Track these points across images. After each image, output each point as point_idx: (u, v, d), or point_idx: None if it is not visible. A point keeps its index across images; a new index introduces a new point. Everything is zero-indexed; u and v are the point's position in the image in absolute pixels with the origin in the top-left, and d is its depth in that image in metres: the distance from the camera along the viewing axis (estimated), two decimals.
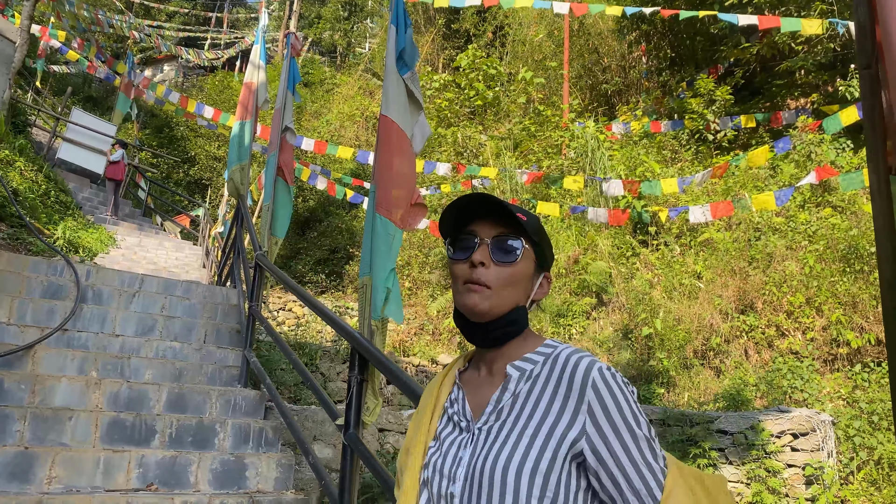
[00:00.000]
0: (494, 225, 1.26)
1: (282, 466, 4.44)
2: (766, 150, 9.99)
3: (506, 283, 1.23)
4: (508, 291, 1.24)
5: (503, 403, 1.20)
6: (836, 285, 8.88)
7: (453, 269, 1.27)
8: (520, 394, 1.20)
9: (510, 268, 1.24)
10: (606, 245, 11.61)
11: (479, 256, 1.23)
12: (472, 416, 1.23)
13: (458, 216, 1.28)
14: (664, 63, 17.02)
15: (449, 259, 1.29)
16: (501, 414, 1.19)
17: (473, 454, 1.17)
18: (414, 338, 11.78)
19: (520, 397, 1.20)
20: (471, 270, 1.23)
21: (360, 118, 22.36)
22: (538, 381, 1.20)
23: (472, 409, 1.24)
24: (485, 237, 1.25)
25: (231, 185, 7.38)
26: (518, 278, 1.25)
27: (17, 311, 5.43)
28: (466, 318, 1.26)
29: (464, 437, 1.21)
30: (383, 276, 3.29)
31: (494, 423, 1.19)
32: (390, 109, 3.56)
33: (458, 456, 1.19)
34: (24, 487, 3.60)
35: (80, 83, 25.54)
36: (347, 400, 3.34)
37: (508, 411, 1.19)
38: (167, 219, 18.19)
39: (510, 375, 1.22)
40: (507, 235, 1.25)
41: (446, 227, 1.30)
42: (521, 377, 1.22)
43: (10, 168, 11.66)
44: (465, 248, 1.26)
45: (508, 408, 1.19)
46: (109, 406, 4.53)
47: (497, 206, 1.24)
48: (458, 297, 1.25)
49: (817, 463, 6.84)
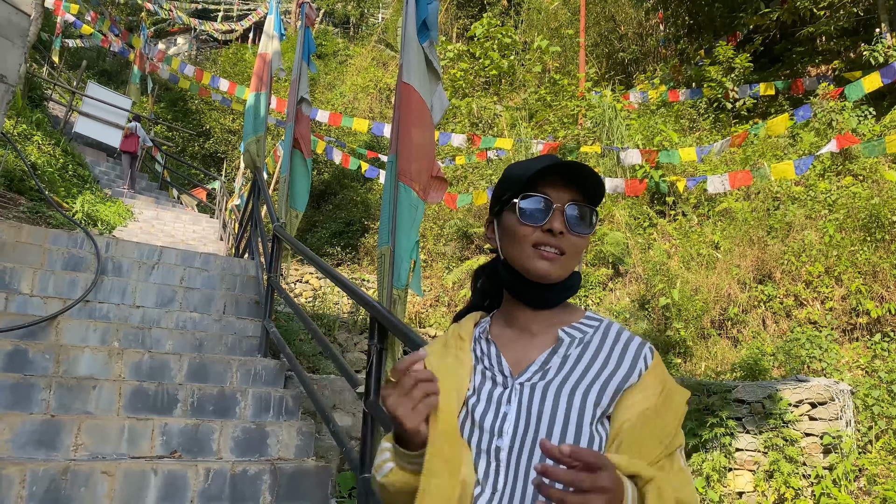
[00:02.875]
0: (567, 188, 1.23)
1: (302, 434, 4.50)
2: (786, 118, 9.84)
3: (578, 251, 1.23)
4: (575, 260, 1.25)
5: (551, 364, 1.21)
6: (856, 254, 8.79)
7: (520, 229, 1.23)
8: (569, 357, 1.22)
9: (584, 239, 1.23)
10: (623, 215, 11.53)
11: (558, 225, 1.20)
12: (511, 372, 1.22)
13: (531, 175, 1.23)
14: (682, 30, 16.75)
15: (515, 219, 1.24)
16: (548, 374, 1.20)
17: (519, 409, 1.17)
18: (430, 309, 11.82)
19: (569, 360, 1.21)
20: (545, 235, 1.21)
21: (373, 90, 22.24)
22: (590, 346, 1.23)
23: (511, 365, 1.24)
24: (560, 202, 1.22)
25: (247, 157, 7.39)
26: (584, 248, 1.26)
27: (39, 283, 5.50)
28: (521, 277, 1.25)
29: (502, 391, 1.20)
30: (408, 247, 3.28)
31: (539, 382, 1.19)
32: (412, 77, 3.51)
33: (500, 411, 1.18)
34: (52, 454, 3.68)
35: (95, 57, 25.55)
36: (368, 368, 3.37)
37: (556, 372, 1.20)
38: (184, 192, 18.29)
39: (562, 339, 1.23)
40: (583, 204, 1.23)
41: (513, 185, 1.25)
42: (573, 343, 1.23)
43: (28, 142, 11.73)
44: (536, 211, 1.22)
45: (556, 369, 1.20)
46: (132, 375, 4.60)
47: (577, 170, 1.22)
48: (527, 260, 1.22)
49: (835, 432, 6.82)
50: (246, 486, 3.84)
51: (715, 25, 16.06)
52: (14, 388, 3.93)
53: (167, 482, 3.63)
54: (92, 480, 3.44)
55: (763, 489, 6.75)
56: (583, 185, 1.23)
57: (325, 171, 18.13)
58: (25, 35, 6.84)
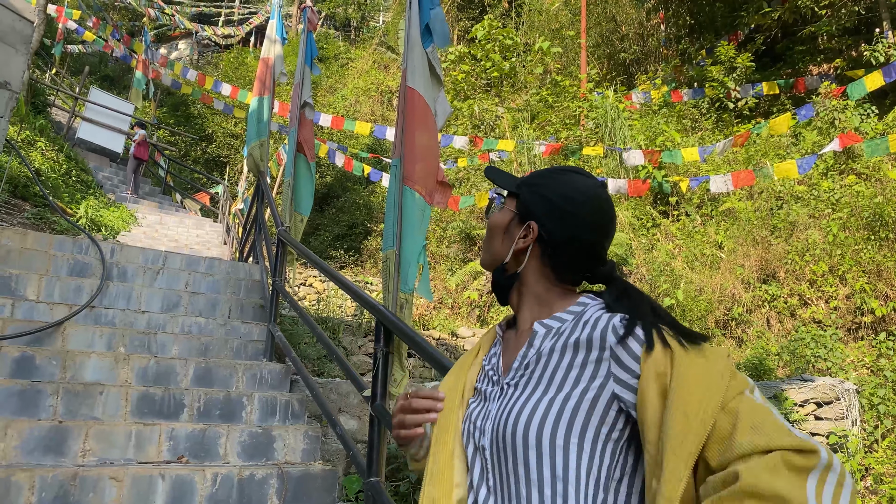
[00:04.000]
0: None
1: (309, 438, 4.50)
2: (788, 117, 9.84)
3: (490, 233, 1.37)
4: (495, 242, 1.36)
5: (528, 360, 1.19)
6: (860, 253, 8.78)
7: None
8: (543, 350, 1.17)
9: (493, 217, 1.37)
10: (627, 216, 11.53)
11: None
12: (503, 372, 1.24)
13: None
14: (683, 30, 16.75)
15: None
16: (527, 370, 1.18)
17: (499, 408, 1.17)
18: (434, 311, 11.83)
19: (543, 354, 1.17)
20: None
21: (375, 92, 22.26)
22: (562, 336, 1.16)
23: (504, 365, 1.26)
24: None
25: (251, 161, 7.41)
26: (498, 229, 1.36)
27: (44, 289, 5.51)
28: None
29: (495, 391, 1.23)
30: (416, 251, 3.28)
31: (521, 380, 1.18)
32: (416, 82, 3.51)
33: (488, 409, 1.20)
34: (60, 460, 3.69)
35: (97, 62, 25.60)
36: (374, 372, 3.37)
37: (534, 366, 1.17)
38: (187, 196, 18.30)
39: (536, 332, 1.21)
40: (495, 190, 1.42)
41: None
42: (547, 334, 1.19)
43: (31, 148, 11.76)
44: None
45: (534, 363, 1.17)
46: (138, 381, 4.61)
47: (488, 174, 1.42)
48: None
49: (841, 431, 6.82)
50: (253, 490, 3.85)
51: (716, 25, 16.06)
52: (21, 395, 3.95)
53: (175, 487, 3.64)
54: (100, 486, 3.45)
55: None
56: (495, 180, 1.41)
57: (327, 174, 18.15)
58: (28, 42, 6.87)
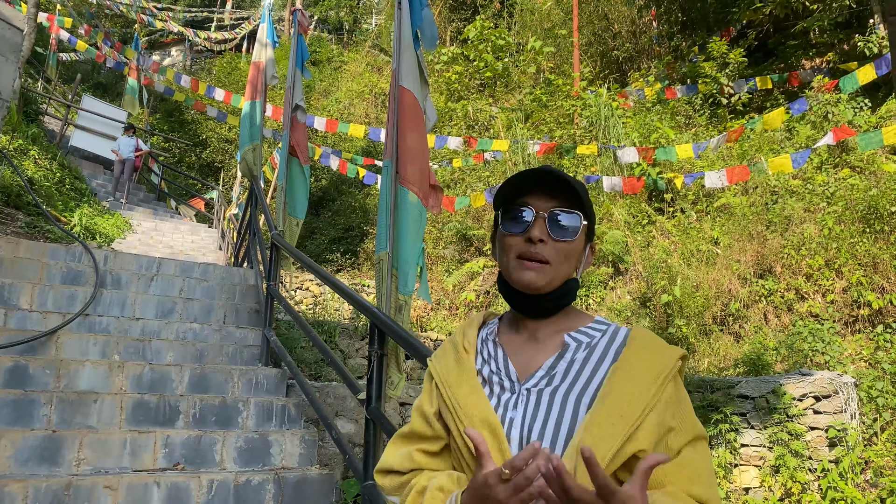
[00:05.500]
0: (549, 197, 1.22)
1: (305, 442, 4.48)
2: (782, 111, 9.83)
3: (564, 259, 1.21)
4: (565, 267, 1.22)
5: (557, 370, 1.19)
6: (855, 246, 8.77)
7: (505, 241, 1.24)
8: (575, 361, 1.20)
9: (569, 244, 1.21)
10: (622, 213, 11.52)
11: (537, 233, 1.19)
12: (518, 377, 1.22)
13: (512, 186, 1.25)
14: (675, 27, 16.75)
15: (500, 231, 1.26)
16: (554, 380, 1.18)
17: (525, 416, 1.16)
18: (431, 313, 11.81)
19: (575, 364, 1.19)
20: (526, 245, 1.20)
21: (368, 95, 22.24)
22: (595, 350, 1.21)
23: (518, 371, 1.23)
24: (541, 210, 1.21)
25: (244, 166, 7.39)
26: (574, 253, 1.23)
27: (38, 298, 5.48)
28: (512, 289, 1.25)
29: (509, 396, 1.20)
30: (415, 254, 3.26)
31: (546, 388, 1.18)
32: (408, 82, 3.50)
33: (506, 416, 1.17)
34: (54, 470, 3.66)
35: (89, 70, 25.56)
36: (369, 375, 3.35)
37: (562, 377, 1.18)
38: (181, 202, 18.27)
39: (569, 344, 1.22)
40: (564, 210, 1.21)
41: (499, 199, 1.27)
42: (579, 347, 1.22)
43: (24, 157, 11.72)
44: (517, 221, 1.22)
45: (562, 374, 1.19)
46: (133, 388, 4.58)
47: (553, 176, 1.21)
48: (513, 272, 1.22)
49: (840, 425, 6.81)
50: (249, 496, 3.83)
51: (708, 21, 16.07)
52: (15, 404, 3.92)
53: (170, 495, 3.62)
54: (95, 495, 3.43)
55: (769, 484, 6.73)
56: (564, 191, 1.22)
57: (322, 177, 18.13)
58: (19, 50, 6.84)
